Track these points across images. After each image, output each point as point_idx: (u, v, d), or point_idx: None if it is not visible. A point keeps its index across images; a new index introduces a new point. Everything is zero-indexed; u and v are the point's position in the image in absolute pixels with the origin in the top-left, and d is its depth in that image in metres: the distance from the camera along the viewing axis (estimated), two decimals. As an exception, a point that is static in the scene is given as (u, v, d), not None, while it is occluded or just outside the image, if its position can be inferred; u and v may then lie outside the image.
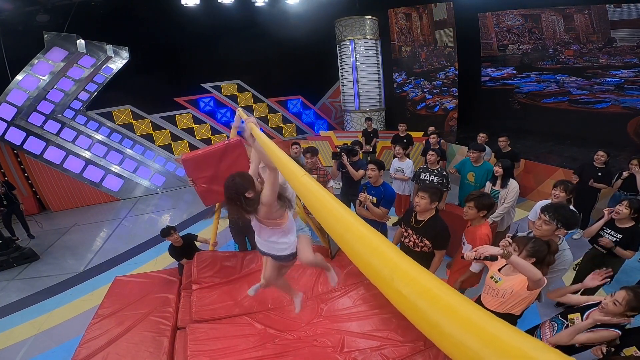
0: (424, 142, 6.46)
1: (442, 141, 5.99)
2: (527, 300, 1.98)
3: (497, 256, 1.90)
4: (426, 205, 2.60)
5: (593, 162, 4.21)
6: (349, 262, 3.09)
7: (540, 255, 2.00)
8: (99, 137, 7.76)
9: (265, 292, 2.80)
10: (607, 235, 2.83)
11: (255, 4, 7.85)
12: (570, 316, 1.99)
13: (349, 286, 3.05)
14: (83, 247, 5.63)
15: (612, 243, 2.71)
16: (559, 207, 2.33)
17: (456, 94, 9.21)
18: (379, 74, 9.04)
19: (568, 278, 3.20)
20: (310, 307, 2.90)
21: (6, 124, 6.58)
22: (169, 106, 8.67)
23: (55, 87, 6.88)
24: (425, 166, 4.15)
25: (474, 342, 0.53)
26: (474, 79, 9.45)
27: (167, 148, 8.73)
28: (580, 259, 3.18)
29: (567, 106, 7.98)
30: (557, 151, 6.74)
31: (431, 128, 6.30)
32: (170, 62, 8.19)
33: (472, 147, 4.06)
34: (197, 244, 3.73)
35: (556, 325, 2.05)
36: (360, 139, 6.85)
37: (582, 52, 7.45)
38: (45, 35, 6.42)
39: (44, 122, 7.02)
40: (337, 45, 8.94)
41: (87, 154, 7.59)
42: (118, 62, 7.52)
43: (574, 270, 3.18)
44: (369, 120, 7.40)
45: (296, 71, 9.58)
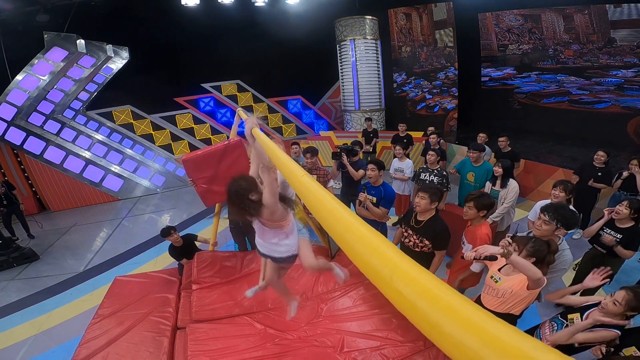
0: (424, 142, 6.46)
1: (441, 141, 6.00)
2: (527, 300, 1.98)
3: (496, 256, 1.90)
4: (426, 206, 2.60)
5: (593, 162, 4.21)
6: (348, 262, 3.08)
7: (540, 255, 2.00)
8: (99, 137, 7.76)
9: (265, 292, 2.79)
10: (607, 236, 2.83)
11: (255, 4, 7.85)
12: (570, 316, 1.99)
13: (349, 286, 3.05)
14: (83, 247, 5.63)
15: (614, 241, 2.71)
16: (558, 207, 2.33)
17: (456, 94, 9.21)
18: (379, 74, 9.03)
19: (568, 278, 3.20)
20: (310, 307, 2.91)
21: (6, 124, 6.58)
22: (169, 106, 8.67)
23: (55, 87, 6.88)
24: (425, 166, 4.15)
25: (474, 342, 0.53)
26: (474, 79, 9.44)
27: (167, 148, 8.73)
28: (580, 259, 3.19)
29: (567, 106, 7.97)
30: (557, 151, 6.74)
31: (431, 128, 6.30)
32: (170, 62, 8.19)
33: (472, 147, 4.07)
34: (197, 244, 3.74)
35: (556, 325, 2.05)
36: (360, 139, 6.85)
37: (582, 52, 7.45)
38: (45, 35, 6.42)
39: (44, 122, 7.02)
40: (337, 45, 8.94)
41: (87, 154, 7.59)
42: (118, 62, 7.52)
43: (574, 270, 3.18)
44: (369, 120, 7.40)
45: (296, 71, 9.58)
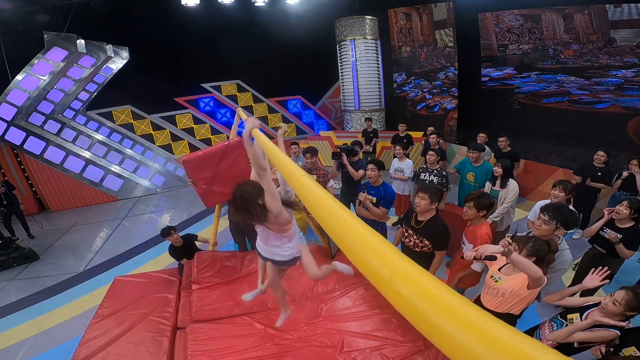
0: (424, 142, 6.46)
1: (440, 141, 5.99)
2: (527, 299, 1.98)
3: (496, 256, 1.90)
4: (426, 206, 2.59)
5: (593, 162, 4.22)
6: (348, 262, 3.08)
7: (540, 254, 2.00)
8: (99, 137, 7.76)
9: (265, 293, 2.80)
10: (607, 236, 2.84)
11: (255, 4, 7.85)
12: (569, 316, 1.99)
13: (349, 286, 3.05)
14: (83, 247, 5.63)
15: (617, 238, 2.71)
16: (558, 207, 2.33)
17: (456, 94, 9.20)
18: (379, 74, 9.03)
19: (568, 278, 3.21)
20: (310, 307, 2.91)
21: (6, 124, 6.58)
22: (169, 106, 8.67)
23: (55, 87, 6.88)
24: (425, 166, 4.16)
25: (474, 343, 0.53)
26: (474, 79, 9.44)
27: (167, 148, 8.74)
28: (579, 259, 3.19)
29: (567, 106, 7.97)
30: (557, 151, 6.74)
31: (430, 128, 6.29)
32: (170, 62, 8.19)
33: (471, 147, 4.07)
34: (197, 244, 3.74)
35: (555, 325, 2.06)
36: (360, 139, 6.85)
37: (582, 52, 7.44)
38: (45, 35, 6.42)
39: (44, 122, 7.02)
40: (337, 45, 8.94)
41: (87, 154, 7.59)
42: (118, 62, 7.52)
43: (574, 270, 3.19)
44: (368, 120, 7.40)
45: (296, 71, 9.58)
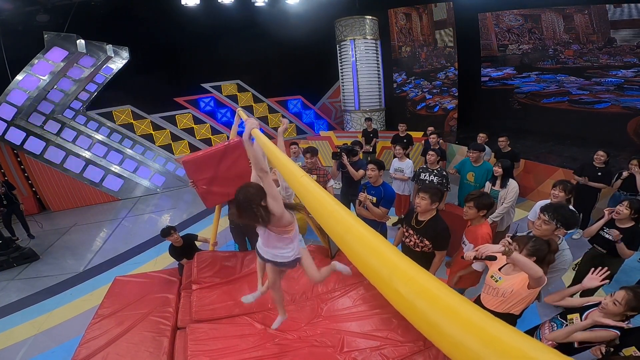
0: (423, 142, 6.46)
1: (440, 141, 5.99)
2: (527, 299, 1.98)
3: (496, 256, 1.90)
4: (427, 206, 2.59)
5: (593, 162, 4.22)
6: (348, 262, 3.08)
7: (540, 254, 2.00)
8: (99, 137, 7.76)
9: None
10: (607, 236, 2.84)
11: (255, 4, 7.85)
12: (569, 316, 1.99)
13: (349, 286, 3.05)
14: (83, 247, 5.63)
15: (619, 236, 2.70)
16: (558, 207, 2.33)
17: (456, 94, 9.20)
18: (379, 74, 9.04)
19: (568, 278, 3.21)
20: (310, 307, 2.91)
21: (6, 124, 6.58)
22: (169, 106, 8.67)
23: (55, 87, 6.88)
24: (425, 166, 4.16)
25: (474, 343, 0.53)
26: (474, 79, 9.44)
27: (167, 148, 8.74)
28: (579, 259, 3.19)
29: (567, 106, 7.97)
30: (557, 151, 6.74)
31: (430, 128, 6.29)
32: (170, 62, 8.19)
33: (471, 147, 4.07)
34: (197, 244, 3.74)
35: (555, 325, 2.06)
36: (360, 139, 6.85)
37: (582, 52, 7.44)
38: (45, 35, 6.41)
39: (44, 122, 7.02)
40: (337, 45, 8.94)
41: (87, 154, 7.59)
42: (118, 62, 7.51)
43: (574, 270, 3.19)
44: (368, 120, 7.40)
45: (296, 71, 9.58)
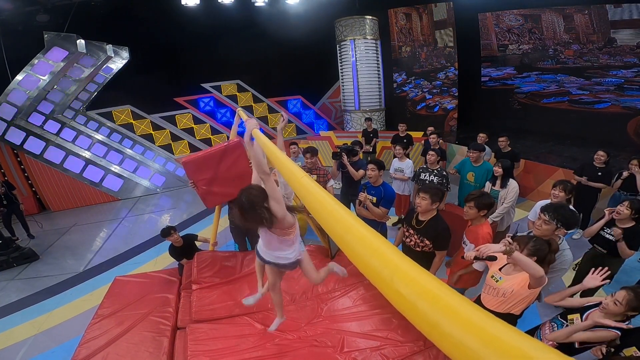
0: (423, 142, 6.45)
1: (440, 141, 5.99)
2: (528, 299, 1.98)
3: (496, 256, 1.90)
4: (427, 206, 2.59)
5: (593, 162, 4.22)
6: (349, 262, 3.08)
7: (541, 254, 2.00)
8: (98, 137, 7.76)
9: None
10: (607, 236, 2.84)
11: (255, 4, 7.85)
12: (570, 317, 1.99)
13: (349, 286, 3.05)
14: (83, 247, 5.63)
15: (621, 235, 2.70)
16: (558, 207, 2.33)
17: (456, 94, 9.20)
18: (379, 74, 9.03)
19: (568, 278, 3.21)
20: (310, 307, 2.90)
21: (6, 124, 6.58)
22: (169, 106, 8.67)
23: (55, 87, 6.88)
24: (425, 166, 4.16)
25: (474, 343, 0.53)
26: (474, 79, 9.44)
27: (167, 148, 8.74)
28: (580, 259, 3.19)
29: (567, 106, 7.97)
30: (557, 151, 6.74)
31: (430, 128, 6.28)
32: (170, 62, 8.19)
33: (472, 147, 4.07)
34: (197, 244, 3.73)
35: (556, 325, 2.05)
36: (360, 139, 6.85)
37: (582, 52, 7.44)
38: (45, 35, 6.41)
39: (44, 122, 7.02)
40: (337, 45, 8.94)
41: (87, 154, 7.59)
42: (118, 62, 7.52)
43: (574, 270, 3.18)
44: (368, 120, 7.40)
45: (296, 71, 9.58)
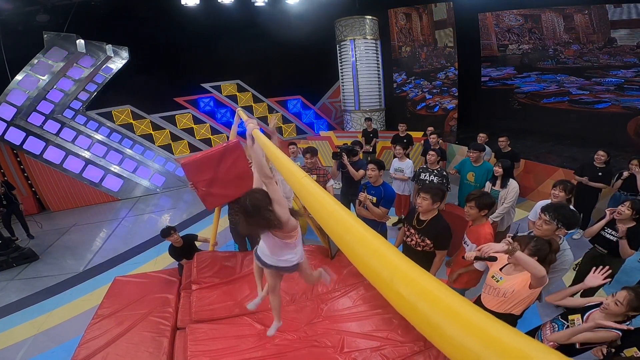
0: (423, 142, 6.45)
1: (440, 141, 5.98)
2: (528, 300, 1.98)
3: (496, 257, 1.89)
4: (428, 206, 2.59)
5: (593, 162, 4.22)
6: (349, 262, 3.08)
7: (542, 254, 1.99)
8: (98, 137, 7.76)
9: (265, 293, 2.80)
10: (608, 236, 2.84)
11: (255, 4, 7.84)
12: (570, 317, 1.99)
13: (349, 286, 3.05)
14: (83, 247, 5.63)
15: (625, 232, 2.69)
16: (559, 207, 2.33)
17: (456, 94, 9.20)
18: (379, 74, 9.03)
19: (568, 278, 3.20)
20: (310, 307, 2.90)
21: (6, 124, 6.58)
22: (168, 106, 8.67)
23: (55, 87, 6.88)
24: (425, 166, 4.16)
25: (475, 344, 0.53)
26: (474, 79, 9.43)
27: (167, 148, 8.73)
28: (580, 259, 3.19)
29: (567, 106, 7.97)
30: (557, 151, 6.74)
31: (430, 128, 6.27)
32: (170, 62, 8.18)
33: (472, 147, 4.07)
34: (197, 244, 3.73)
35: (556, 326, 2.05)
36: (360, 139, 6.85)
37: (582, 52, 7.44)
38: (45, 35, 6.41)
39: (44, 122, 7.02)
40: (337, 45, 8.94)
41: (86, 154, 7.59)
42: (118, 62, 7.52)
43: (574, 270, 3.18)
44: (368, 120, 7.40)
45: (296, 71, 9.57)
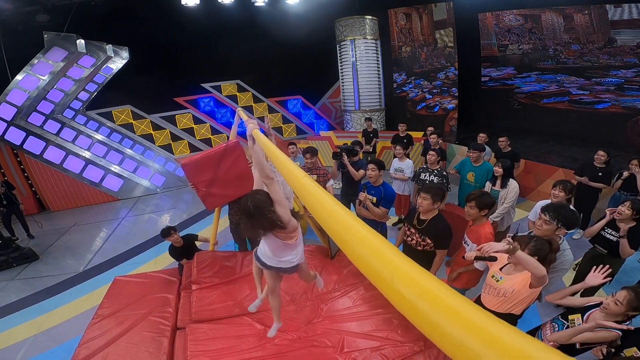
0: (423, 142, 6.45)
1: (440, 141, 5.97)
2: (528, 299, 1.98)
3: (496, 257, 1.89)
4: (428, 206, 2.60)
5: (593, 162, 4.22)
6: (349, 262, 3.08)
7: (542, 254, 1.99)
8: (98, 137, 7.76)
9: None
10: (608, 236, 2.84)
11: (255, 4, 7.85)
12: (571, 317, 1.99)
13: (349, 286, 3.05)
14: (83, 247, 5.63)
15: (626, 231, 2.69)
16: (559, 207, 2.33)
17: (456, 94, 9.20)
18: (379, 74, 9.03)
19: (568, 278, 3.20)
20: (310, 307, 2.90)
21: (6, 124, 6.58)
22: (168, 106, 8.67)
23: (55, 87, 6.88)
24: (425, 166, 4.16)
25: (475, 343, 0.53)
26: (474, 79, 9.43)
27: (167, 148, 8.73)
28: (580, 259, 3.19)
29: (567, 106, 7.97)
30: (557, 151, 6.74)
31: (430, 128, 6.27)
32: (170, 62, 8.19)
33: (472, 147, 4.07)
34: (197, 244, 3.73)
35: (557, 326, 2.05)
36: (360, 139, 6.85)
37: (582, 52, 7.44)
38: (45, 35, 6.41)
39: (44, 122, 7.02)
40: (337, 45, 8.94)
41: (87, 154, 7.59)
42: (118, 62, 7.51)
43: (574, 270, 3.18)
44: (368, 120, 7.40)
45: (296, 71, 9.58)
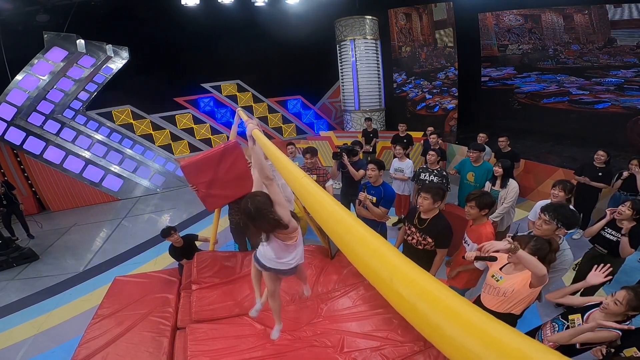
0: (423, 142, 6.45)
1: (440, 141, 5.97)
2: (528, 299, 1.98)
3: (496, 257, 1.89)
4: (429, 206, 2.60)
5: (593, 162, 4.22)
6: (349, 262, 3.08)
7: (542, 254, 1.99)
8: (98, 137, 7.76)
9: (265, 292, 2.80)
10: (608, 236, 2.84)
11: (255, 4, 7.85)
12: (570, 317, 1.99)
13: (349, 286, 3.05)
14: (83, 247, 5.63)
15: (628, 229, 2.69)
16: (558, 207, 2.33)
17: (456, 94, 9.20)
18: (379, 74, 9.03)
19: (568, 278, 3.20)
20: (310, 307, 2.90)
21: (6, 124, 6.57)
22: (168, 106, 8.67)
23: (55, 87, 6.88)
24: (425, 166, 4.16)
25: (475, 344, 0.53)
26: (474, 79, 9.43)
27: (167, 148, 8.73)
28: (580, 259, 3.19)
29: (567, 106, 7.97)
30: (557, 151, 6.74)
31: (430, 128, 6.27)
32: (170, 62, 8.18)
33: (472, 146, 4.07)
34: (197, 243, 3.73)
35: (557, 326, 2.05)
36: (360, 139, 6.85)
37: (582, 52, 7.44)
38: (45, 35, 6.41)
39: (44, 122, 7.02)
40: (337, 45, 8.94)
41: (86, 154, 7.59)
42: (118, 62, 7.51)
43: (574, 270, 3.18)
44: (368, 120, 7.40)
45: (296, 71, 9.58)
